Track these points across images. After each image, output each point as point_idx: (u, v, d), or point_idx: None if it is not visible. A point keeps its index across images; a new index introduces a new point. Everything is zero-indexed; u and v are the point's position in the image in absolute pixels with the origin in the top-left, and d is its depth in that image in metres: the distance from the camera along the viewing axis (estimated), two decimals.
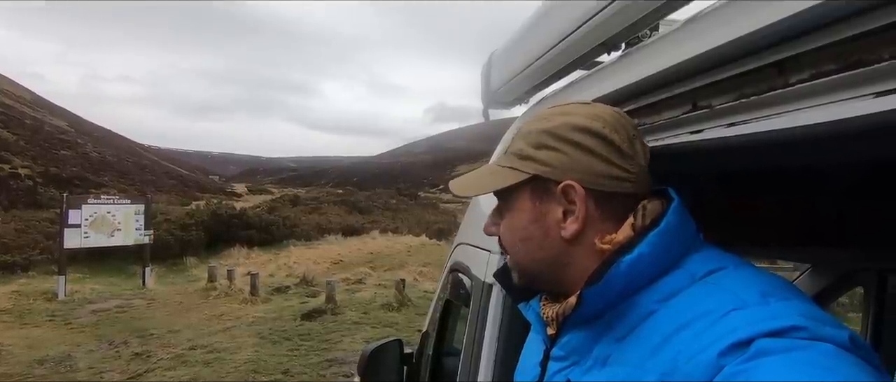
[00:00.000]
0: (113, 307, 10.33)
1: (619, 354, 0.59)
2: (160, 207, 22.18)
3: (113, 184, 36.97)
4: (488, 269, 1.21)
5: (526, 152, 0.68)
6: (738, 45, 0.57)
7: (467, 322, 1.29)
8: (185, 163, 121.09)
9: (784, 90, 0.54)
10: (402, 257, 16.06)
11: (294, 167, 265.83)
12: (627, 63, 0.87)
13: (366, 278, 12.80)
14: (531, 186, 0.68)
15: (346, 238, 21.55)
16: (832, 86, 0.49)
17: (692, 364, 0.50)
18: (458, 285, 1.54)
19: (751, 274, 0.58)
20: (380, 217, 29.14)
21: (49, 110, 65.78)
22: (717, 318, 0.52)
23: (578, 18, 0.90)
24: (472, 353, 1.21)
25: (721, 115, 0.63)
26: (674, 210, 0.63)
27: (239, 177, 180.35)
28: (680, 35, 0.71)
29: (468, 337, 1.26)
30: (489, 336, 1.14)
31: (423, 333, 2.10)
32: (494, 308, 1.15)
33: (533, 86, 1.23)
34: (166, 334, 8.38)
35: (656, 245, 0.60)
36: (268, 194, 54.63)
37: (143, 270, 12.78)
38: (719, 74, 0.62)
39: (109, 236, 12.15)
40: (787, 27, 0.51)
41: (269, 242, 19.08)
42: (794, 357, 0.46)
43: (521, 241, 0.69)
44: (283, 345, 7.72)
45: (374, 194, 43.03)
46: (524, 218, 0.69)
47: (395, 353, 2.02)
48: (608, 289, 0.60)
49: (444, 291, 1.83)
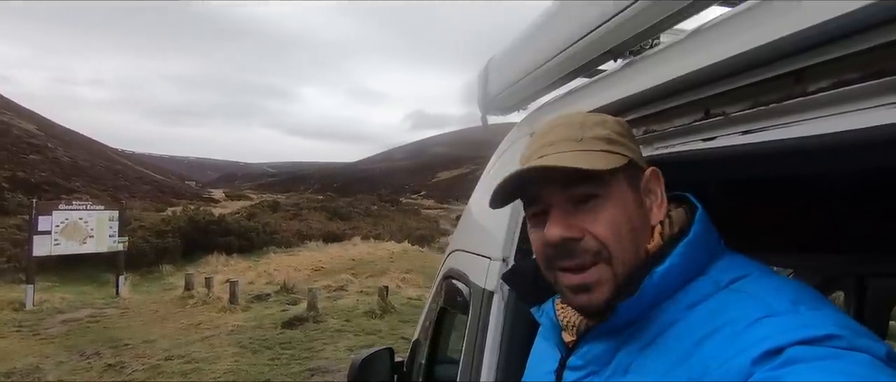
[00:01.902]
0: (84, 316, 9.99)
1: (643, 362, 0.58)
2: (135, 213, 21.62)
3: (85, 190, 35.89)
4: (488, 276, 1.20)
5: (614, 138, 0.65)
6: (755, 54, 0.58)
7: (466, 329, 1.27)
8: (160, 168, 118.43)
9: (802, 99, 0.55)
10: (385, 263, 15.94)
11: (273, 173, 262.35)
12: (632, 72, 0.87)
13: (348, 285, 12.66)
14: (627, 172, 0.64)
15: (327, 244, 21.31)
16: (854, 95, 0.49)
17: (723, 371, 0.49)
18: (454, 292, 1.53)
19: (777, 282, 0.58)
20: (361, 223, 28.93)
21: (17, 113, 63.64)
22: (747, 325, 0.51)
23: (584, 26, 0.90)
24: (472, 361, 1.19)
25: (736, 123, 0.64)
26: (700, 219, 0.63)
27: (216, 182, 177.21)
28: (689, 44, 0.72)
29: (467, 345, 1.25)
30: (491, 343, 1.13)
31: (414, 341, 2.08)
32: (495, 315, 1.14)
33: (533, 93, 1.23)
34: (141, 344, 8.13)
35: (685, 255, 0.60)
36: (246, 200, 53.76)
37: (116, 278, 12.41)
38: (734, 83, 0.63)
39: (81, 243, 11.77)
40: (807, 37, 0.51)
41: (249, 249, 18.76)
42: (828, 366, 0.45)
43: (628, 232, 0.62)
44: (264, 354, 7.56)
45: (355, 200, 42.73)
46: (629, 205, 0.63)
47: (385, 362, 1.99)
48: (641, 301, 0.59)
49: (437, 299, 1.81)
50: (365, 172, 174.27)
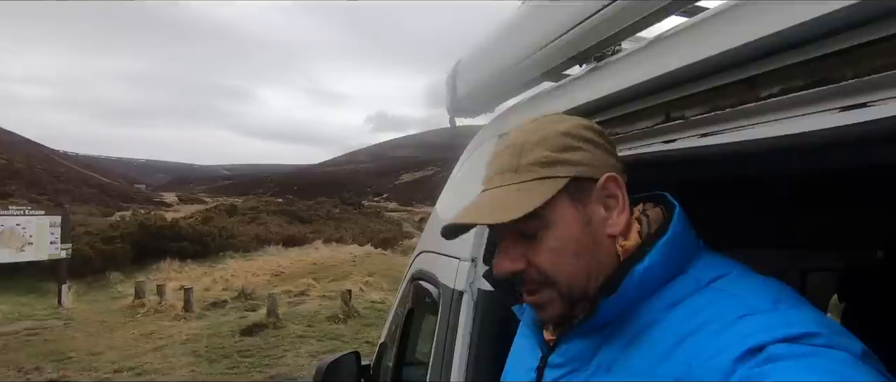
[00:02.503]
0: (22, 330, 9.34)
1: (625, 360, 0.58)
2: (79, 219, 20.40)
3: (22, 194, 33.60)
4: (458, 277, 1.21)
5: (553, 157, 0.63)
6: (712, 61, 0.62)
7: (436, 329, 1.28)
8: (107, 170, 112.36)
9: (755, 103, 0.59)
10: (347, 267, 15.71)
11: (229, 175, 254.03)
12: (597, 76, 0.91)
13: (309, 290, 12.40)
14: (569, 192, 0.63)
15: (287, 248, 20.80)
16: (801, 100, 0.54)
17: (705, 369, 0.50)
18: (422, 293, 1.54)
19: (757, 281, 0.58)
20: (322, 226, 28.41)
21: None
22: (728, 323, 0.52)
23: (550, 32, 0.93)
24: (442, 361, 1.20)
25: (694, 126, 0.68)
26: (678, 217, 0.62)
27: (168, 185, 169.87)
28: (650, 51, 0.76)
29: (437, 345, 1.26)
30: (461, 343, 1.14)
31: (380, 344, 2.07)
32: (465, 314, 1.15)
33: (501, 96, 1.26)
34: (87, 357, 7.69)
35: (665, 253, 0.60)
36: (201, 203, 51.80)
37: (59, 288, 11.67)
38: (693, 88, 0.67)
39: (19, 251, 11.04)
40: (761, 46, 0.55)
41: (204, 254, 18.06)
42: (808, 363, 0.46)
43: (573, 255, 0.62)
44: (222, 363, 7.31)
45: (316, 203, 41.91)
46: (572, 228, 0.62)
47: (352, 366, 1.97)
48: (622, 299, 0.59)
49: (405, 300, 1.81)
50: (326, 175, 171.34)
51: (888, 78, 0.46)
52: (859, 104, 0.48)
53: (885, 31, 0.44)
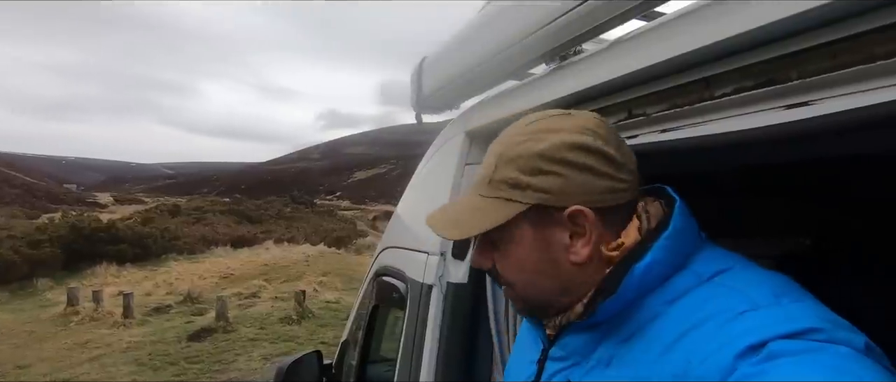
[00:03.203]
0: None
1: (625, 355, 0.58)
2: (0, 221, 18.79)
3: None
4: (427, 271, 1.23)
5: (519, 180, 0.62)
6: (672, 62, 0.67)
7: (404, 324, 1.29)
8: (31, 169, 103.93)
9: (711, 102, 0.64)
10: (300, 267, 15.34)
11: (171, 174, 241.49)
12: (561, 75, 0.95)
13: (260, 291, 12.03)
14: (531, 216, 0.62)
15: (236, 249, 20.07)
16: (751, 99, 0.59)
17: (706, 366, 0.49)
18: (388, 289, 1.54)
19: (759, 275, 0.58)
20: (273, 226, 27.58)
21: None
22: (729, 319, 0.51)
23: (517, 33, 0.96)
24: (411, 355, 1.21)
25: (655, 123, 0.73)
26: (679, 211, 0.61)
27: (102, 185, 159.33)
28: (613, 52, 0.80)
29: (406, 339, 1.27)
30: (430, 336, 1.16)
31: (342, 342, 2.05)
32: (435, 308, 1.17)
33: (466, 93, 1.28)
34: (13, 370, 7.13)
35: (667, 249, 0.58)
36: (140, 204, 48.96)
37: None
38: (654, 87, 0.72)
39: None
40: (716, 49, 0.60)
41: (145, 257, 17.12)
42: (810, 359, 0.45)
43: (529, 274, 0.64)
44: (167, 371, 6.97)
45: (265, 202, 40.59)
46: (529, 250, 0.63)
47: (313, 365, 1.94)
48: (622, 298, 0.58)
49: (368, 297, 1.80)
50: (275, 173, 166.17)
51: (827, 80, 0.51)
52: (802, 103, 0.54)
53: (826, 37, 0.50)
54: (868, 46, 0.47)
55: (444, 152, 1.39)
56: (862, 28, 0.47)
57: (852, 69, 0.49)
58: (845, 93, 0.50)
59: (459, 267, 1.16)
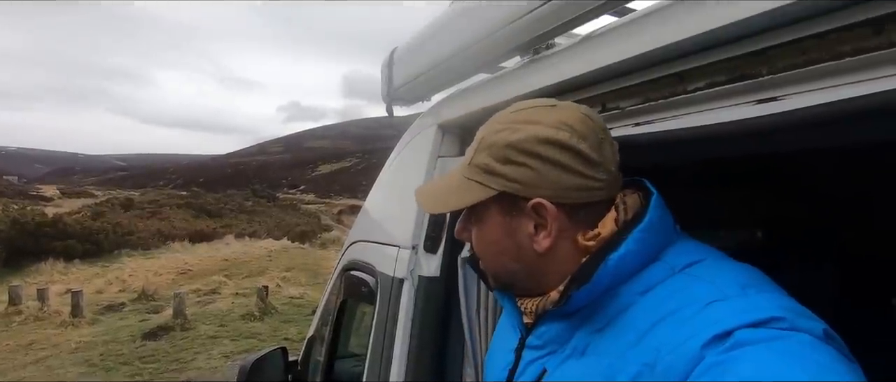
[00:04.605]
0: None
1: (598, 344, 0.60)
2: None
3: None
4: (398, 265, 1.21)
5: (492, 167, 0.65)
6: (646, 57, 0.67)
7: (374, 319, 1.27)
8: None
9: (684, 96, 0.65)
10: (262, 263, 14.97)
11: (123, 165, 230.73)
12: (534, 69, 0.95)
13: (220, 287, 11.67)
14: (500, 201, 0.65)
15: (194, 244, 19.39)
16: (723, 94, 0.60)
17: (675, 355, 0.51)
18: (356, 284, 1.51)
19: (729, 266, 0.60)
20: (234, 220, 26.80)
21: None
22: (698, 309, 0.53)
23: (488, 27, 0.95)
24: (382, 349, 1.20)
25: (629, 116, 0.74)
26: (655, 204, 0.63)
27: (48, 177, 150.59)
28: (585, 47, 0.81)
29: (376, 334, 1.25)
30: (401, 330, 1.15)
31: (308, 338, 2.01)
32: (406, 302, 1.16)
33: (437, 86, 1.27)
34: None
35: (641, 241, 0.60)
36: (89, 197, 46.54)
37: None
38: (628, 81, 0.73)
39: None
40: (688, 44, 0.61)
41: (95, 253, 16.32)
42: (772, 347, 0.48)
43: (494, 253, 0.69)
44: (120, 371, 6.68)
45: (225, 196, 39.34)
46: (495, 231, 0.67)
47: (278, 362, 1.90)
48: (595, 288, 0.60)
49: (336, 292, 1.77)
50: (236, 166, 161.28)
51: (795, 75, 0.53)
52: (771, 98, 0.55)
53: (795, 34, 0.51)
54: (835, 44, 0.49)
55: (416, 145, 1.37)
56: (830, 26, 0.49)
57: (820, 65, 0.51)
58: (813, 89, 0.52)
59: (431, 261, 1.15)
